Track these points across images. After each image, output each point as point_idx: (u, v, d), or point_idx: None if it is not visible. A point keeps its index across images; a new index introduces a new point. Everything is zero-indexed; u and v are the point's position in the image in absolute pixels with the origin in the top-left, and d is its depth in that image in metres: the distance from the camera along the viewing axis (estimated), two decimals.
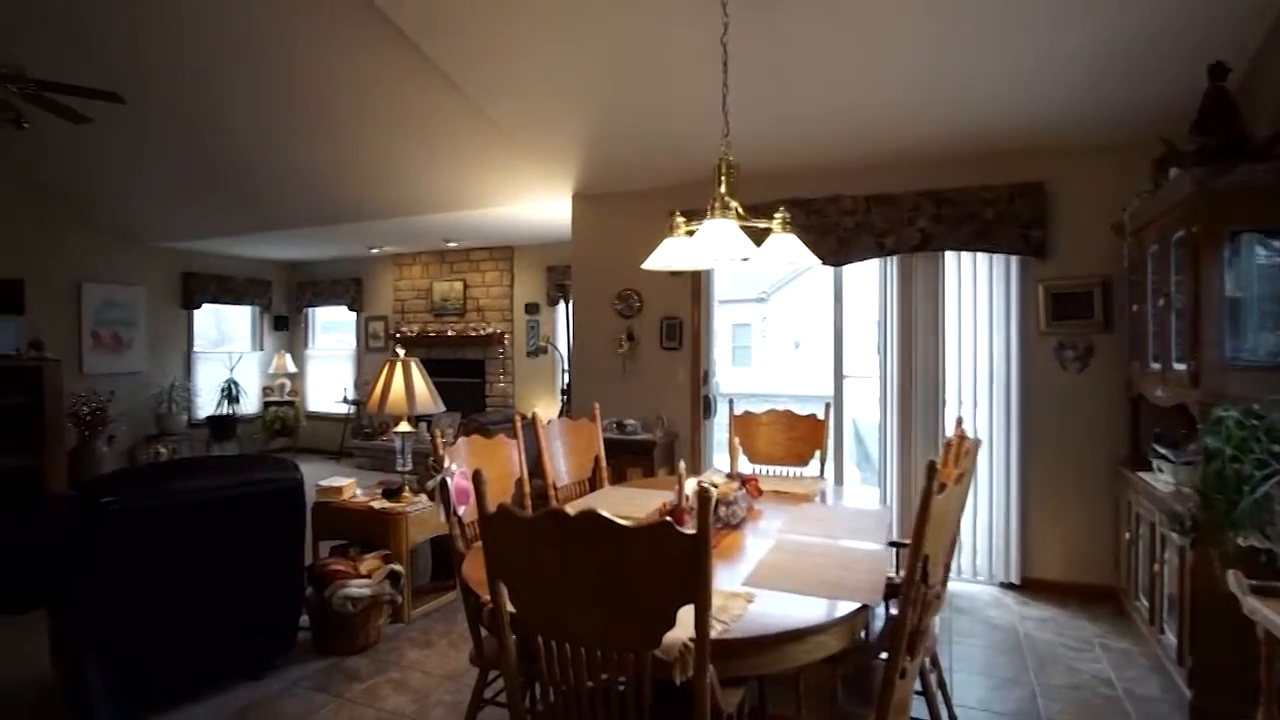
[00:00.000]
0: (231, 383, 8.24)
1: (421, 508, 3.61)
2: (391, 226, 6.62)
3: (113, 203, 6.90)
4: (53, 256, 6.81)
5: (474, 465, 2.37)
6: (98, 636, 2.46)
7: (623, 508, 2.63)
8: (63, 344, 6.80)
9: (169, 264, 7.81)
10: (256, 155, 5.63)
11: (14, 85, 4.25)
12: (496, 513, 1.42)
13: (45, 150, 6.08)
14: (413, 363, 3.66)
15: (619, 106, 4.06)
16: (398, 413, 3.54)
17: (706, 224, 2.15)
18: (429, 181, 5.54)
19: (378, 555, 3.39)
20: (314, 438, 8.94)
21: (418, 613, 3.62)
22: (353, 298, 8.69)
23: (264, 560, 2.85)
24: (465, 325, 7.92)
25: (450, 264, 8.11)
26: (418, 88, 4.38)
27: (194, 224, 6.98)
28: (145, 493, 2.47)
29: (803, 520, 2.54)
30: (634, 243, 5.00)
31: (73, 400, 6.68)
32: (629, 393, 5.02)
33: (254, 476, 2.74)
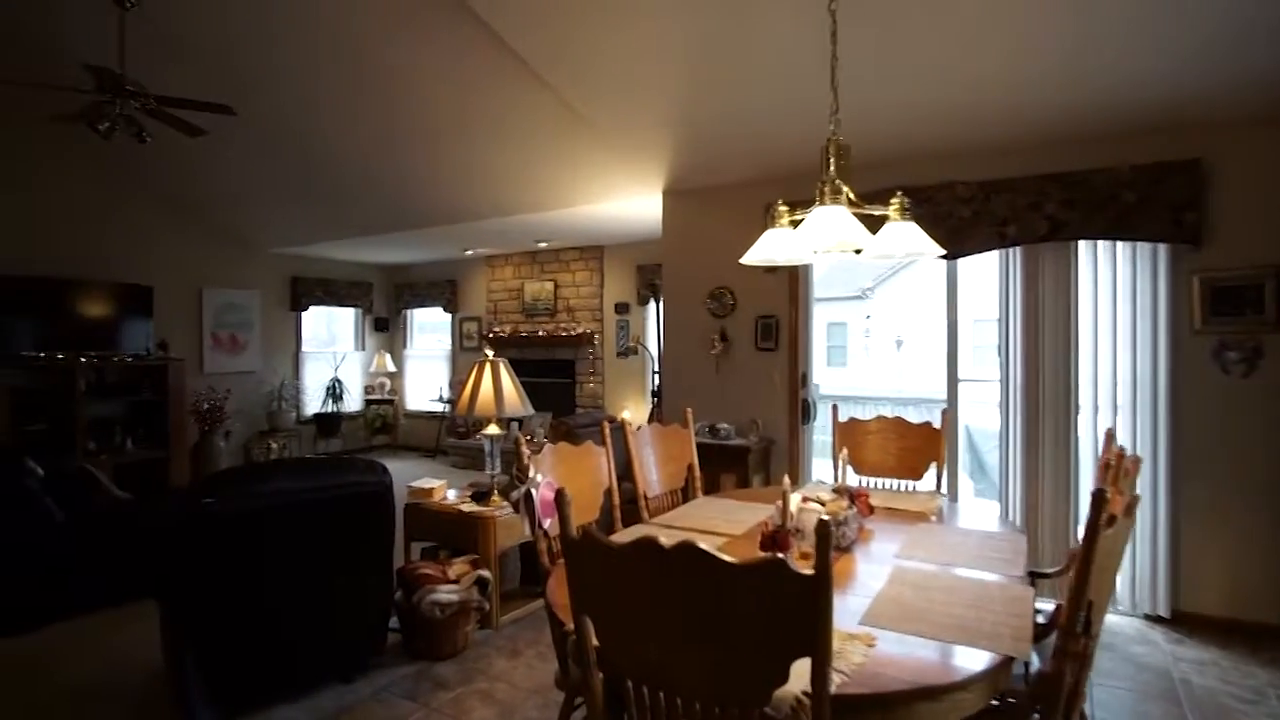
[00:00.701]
0: (336, 381, 8.58)
1: (510, 512, 3.53)
2: (485, 228, 6.67)
3: (230, 212, 7.29)
4: (178, 264, 7.26)
5: (561, 475, 2.24)
6: (196, 633, 2.49)
7: (718, 522, 2.44)
8: (185, 345, 7.25)
9: (279, 269, 8.21)
10: (357, 162, 5.78)
11: (137, 101, 4.50)
12: (581, 539, 1.26)
13: (170, 165, 6.47)
14: (501, 364, 3.59)
15: (712, 96, 3.86)
16: (486, 415, 3.48)
17: (815, 212, 1.93)
18: (521, 182, 5.52)
19: (466, 560, 3.33)
20: (412, 435, 9.19)
21: (506, 620, 3.55)
22: (448, 299, 8.87)
23: (355, 562, 2.83)
24: (555, 325, 7.92)
25: (541, 264, 8.13)
26: (510, 88, 4.34)
27: (301, 230, 7.28)
28: (243, 494, 2.48)
29: (922, 543, 2.26)
30: (727, 239, 4.79)
31: (194, 397, 7.10)
32: (722, 395, 4.81)
33: (345, 479, 2.72)
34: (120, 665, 3.10)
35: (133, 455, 6.51)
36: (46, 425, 6.00)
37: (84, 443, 6.20)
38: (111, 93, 4.36)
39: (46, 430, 5.98)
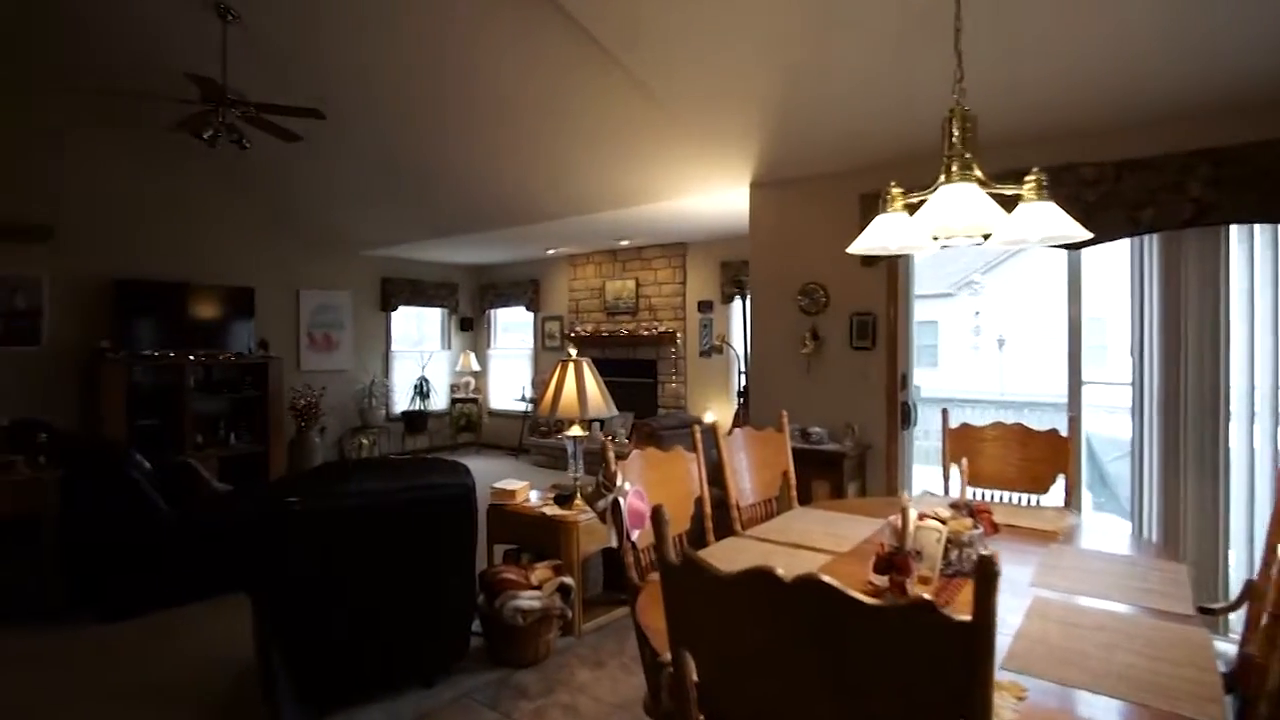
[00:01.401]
0: (423, 380, 8.76)
1: (593, 517, 3.41)
2: (567, 227, 6.63)
3: (324, 215, 7.54)
4: (277, 266, 7.56)
5: (649, 483, 2.08)
6: (282, 631, 2.48)
7: (819, 537, 2.23)
8: (283, 344, 7.54)
9: (370, 270, 8.45)
10: (443, 163, 5.83)
11: (237, 110, 4.65)
12: (683, 564, 1.09)
13: (271, 171, 6.74)
14: (585, 363, 3.48)
15: (804, 80, 3.62)
16: (569, 416, 3.38)
17: (941, 191, 1.69)
18: (604, 179, 5.42)
19: (549, 565, 3.23)
20: (495, 434, 9.29)
21: (588, 627, 3.43)
22: (530, 298, 8.91)
23: (437, 565, 2.77)
24: (637, 324, 7.80)
25: (622, 262, 8.03)
26: (593, 81, 4.24)
27: (390, 231, 7.45)
28: (326, 494, 2.45)
29: (1058, 569, 1.98)
30: (819, 232, 4.54)
31: (291, 395, 7.38)
32: (814, 397, 4.55)
33: (428, 480, 2.66)
34: (214, 657, 3.16)
35: (236, 449, 6.81)
36: (159, 420, 6.34)
37: (192, 437, 6.52)
38: (214, 101, 4.53)
39: (159, 425, 6.32)
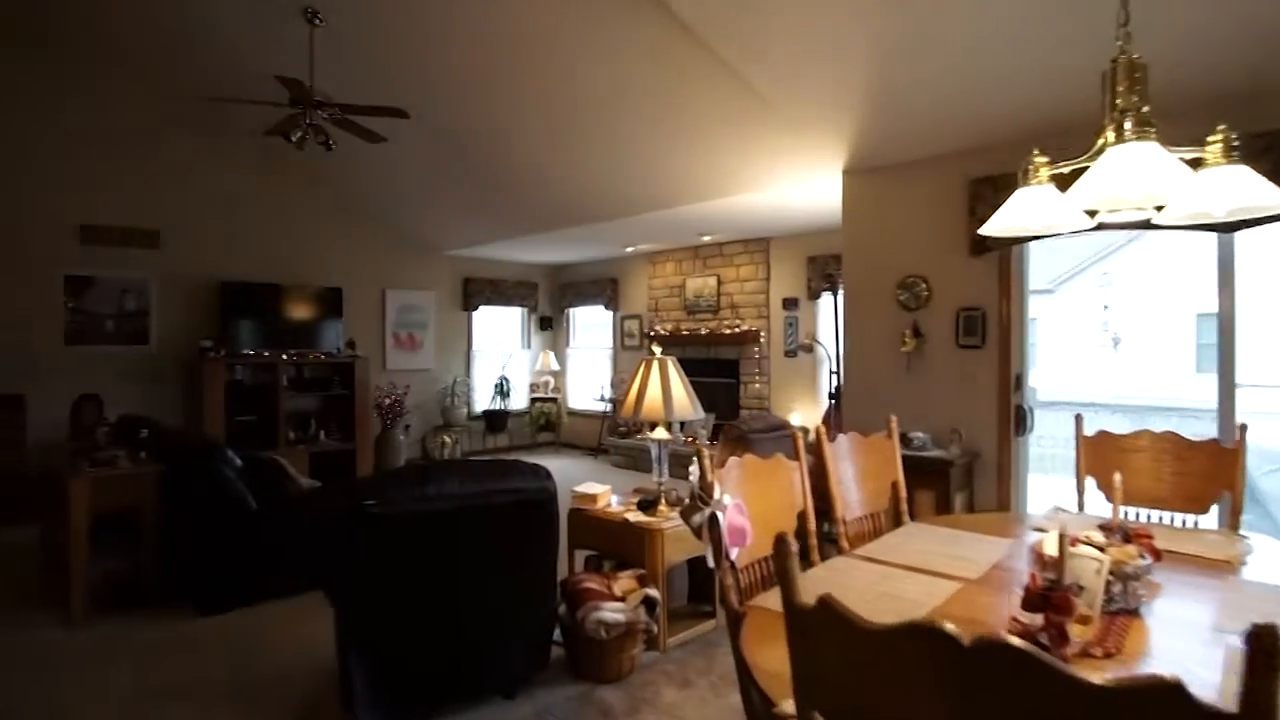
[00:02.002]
0: (503, 379, 8.79)
1: (680, 524, 3.22)
2: (646, 223, 6.47)
3: (409, 216, 7.66)
4: (363, 267, 7.73)
5: (748, 494, 1.87)
6: (359, 634, 2.41)
7: (940, 559, 1.96)
8: (370, 344, 7.70)
9: (453, 270, 8.54)
10: (524, 161, 5.78)
11: (324, 111, 4.71)
12: (819, 609, 0.87)
13: (358, 173, 6.87)
14: (670, 362, 3.29)
15: (905, 51, 3.31)
16: (653, 418, 3.20)
17: (1112, 154, 1.41)
18: (685, 171, 5.23)
19: (633, 575, 3.06)
20: (574, 434, 9.24)
21: (674, 642, 3.24)
22: (609, 297, 8.80)
23: (517, 572, 2.64)
24: (719, 323, 7.57)
25: (703, 259, 7.81)
26: (678, 71, 4.08)
27: (472, 231, 7.49)
28: (404, 497, 2.35)
29: (1244, 609, 1.65)
30: (921, 220, 4.20)
31: (377, 393, 7.52)
32: (914, 399, 4.21)
33: (508, 484, 2.53)
34: (299, 657, 3.15)
35: (325, 446, 6.98)
36: (255, 417, 6.55)
37: (285, 433, 6.72)
38: (302, 104, 4.59)
39: (255, 421, 6.54)
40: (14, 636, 3.32)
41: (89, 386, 5.79)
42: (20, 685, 2.87)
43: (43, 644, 3.25)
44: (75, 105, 5.92)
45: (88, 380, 5.89)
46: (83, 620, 3.46)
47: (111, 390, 6.00)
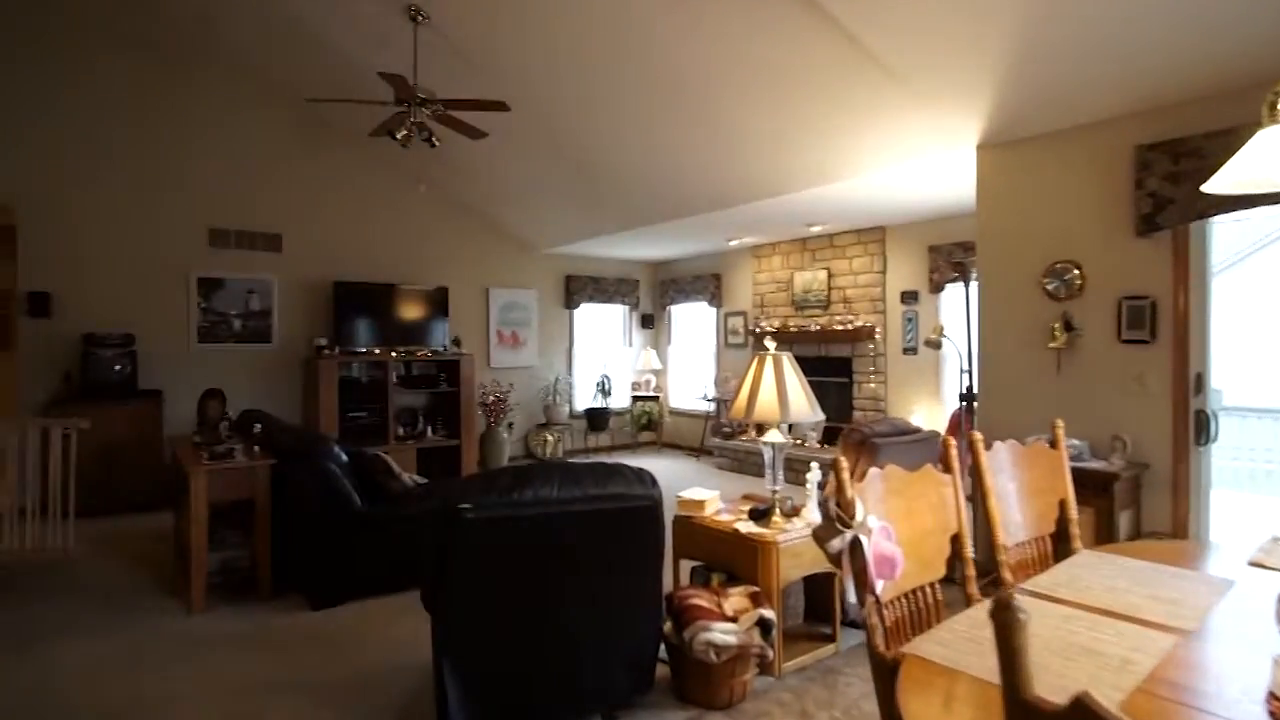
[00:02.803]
0: (605, 378, 8.69)
1: (796, 538, 2.92)
2: (752, 213, 6.15)
3: (512, 215, 7.68)
4: (468, 265, 7.83)
5: (893, 513, 1.56)
6: (453, 646, 2.26)
7: (1138, 601, 1.58)
8: (474, 342, 7.78)
9: (554, 268, 8.52)
10: (626, 154, 5.61)
11: (427, 108, 4.70)
12: (1073, 712, 0.58)
13: (461, 173, 6.94)
14: (785, 359, 2.99)
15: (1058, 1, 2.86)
16: (768, 420, 2.91)
17: None
18: (795, 156, 4.88)
19: (745, 592, 2.79)
20: (676, 433, 9.02)
21: (790, 667, 2.94)
22: (712, 293, 8.52)
23: (619, 585, 2.43)
24: (830, 319, 7.13)
25: (812, 251, 7.39)
26: (785, 42, 3.74)
27: (574, 228, 7.41)
28: (501, 502, 2.18)
29: None
30: (1074, 198, 3.69)
31: (481, 391, 7.58)
32: (1066, 402, 3.70)
33: (611, 490, 2.33)
34: (400, 654, 3.08)
35: (432, 442, 7.09)
36: (366, 413, 6.73)
37: (394, 429, 6.87)
38: (406, 101, 4.60)
39: (366, 417, 6.71)
40: (142, 622, 3.45)
41: (217, 382, 6.10)
42: (140, 673, 2.94)
43: (166, 631, 3.35)
44: (205, 116, 6.27)
45: (216, 376, 6.21)
46: (203, 608, 3.55)
47: (237, 386, 6.32)
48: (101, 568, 4.28)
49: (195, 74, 6.20)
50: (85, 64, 5.76)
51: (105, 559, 4.45)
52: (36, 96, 5.60)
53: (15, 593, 3.85)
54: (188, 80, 6.17)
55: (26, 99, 5.57)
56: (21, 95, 5.55)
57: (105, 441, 5.53)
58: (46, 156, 5.66)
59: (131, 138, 5.97)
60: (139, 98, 5.98)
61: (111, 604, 3.69)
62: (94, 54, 5.79)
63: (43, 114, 5.63)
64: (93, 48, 5.78)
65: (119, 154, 5.93)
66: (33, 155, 5.61)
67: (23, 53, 5.54)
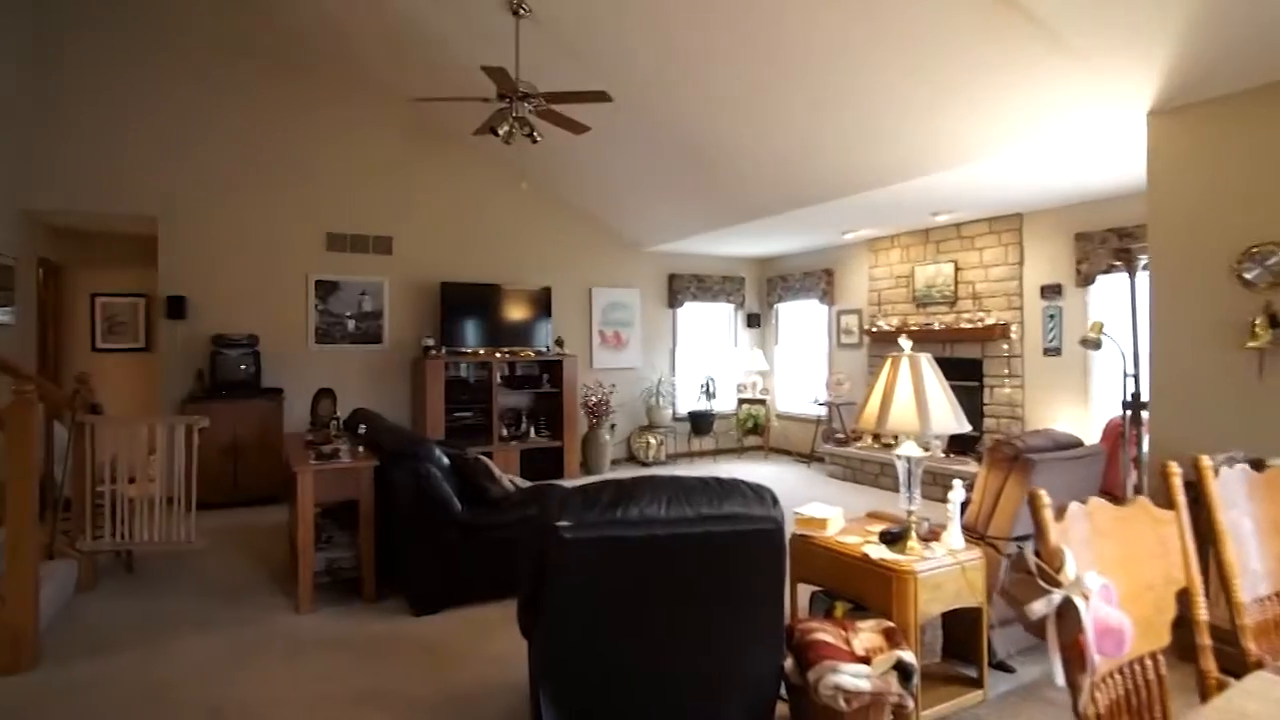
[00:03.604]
0: (709, 379, 8.38)
1: (938, 567, 2.53)
2: (874, 202, 5.68)
3: (614, 213, 7.53)
4: (570, 264, 7.74)
5: (1103, 559, 1.20)
6: (549, 675, 2.06)
7: None
8: (576, 342, 7.69)
9: (656, 266, 8.30)
10: (738, 143, 5.32)
11: (529, 103, 4.58)
12: None
13: (563, 172, 6.85)
14: (924, 360, 2.60)
15: None
16: (904, 431, 2.53)
17: None
18: (927, 135, 4.41)
19: (877, 627, 2.43)
20: (784, 438, 8.60)
21: (928, 715, 2.55)
22: (823, 290, 8.04)
23: (735, 617, 2.15)
24: (956, 317, 6.52)
25: (936, 243, 6.79)
26: (923, 6, 3.33)
27: (677, 225, 7.16)
28: (603, 520, 1.95)
29: None
30: None
31: (584, 391, 7.47)
32: (1268, 412, 3.08)
33: (725, 510, 2.05)
34: (498, 669, 2.93)
35: (534, 443, 7.03)
36: (471, 413, 6.76)
37: (498, 430, 6.86)
38: (508, 96, 4.49)
39: (471, 417, 6.74)
40: (253, 619, 3.49)
41: (331, 381, 6.29)
42: (245, 672, 2.93)
43: (273, 629, 3.36)
44: (323, 123, 6.48)
45: (331, 375, 6.41)
46: (310, 607, 3.55)
47: (349, 385, 6.50)
48: (222, 561, 4.42)
49: (313, 83, 6.41)
50: (213, 80, 6.06)
51: (226, 552, 4.60)
52: (173, 113, 5.95)
53: (148, 582, 4.02)
54: (306, 90, 6.40)
55: (166, 116, 5.92)
56: (162, 113, 5.91)
57: (231, 437, 5.79)
58: (183, 169, 6.00)
59: (257, 147, 6.25)
60: (263, 109, 6.25)
61: (227, 598, 3.77)
62: (220, 69, 6.09)
63: (180, 129, 5.97)
64: (219, 63, 6.08)
65: (246, 163, 6.22)
66: (172, 168, 5.96)
67: (161, 73, 5.89)
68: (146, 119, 5.85)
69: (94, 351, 6.91)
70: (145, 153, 5.86)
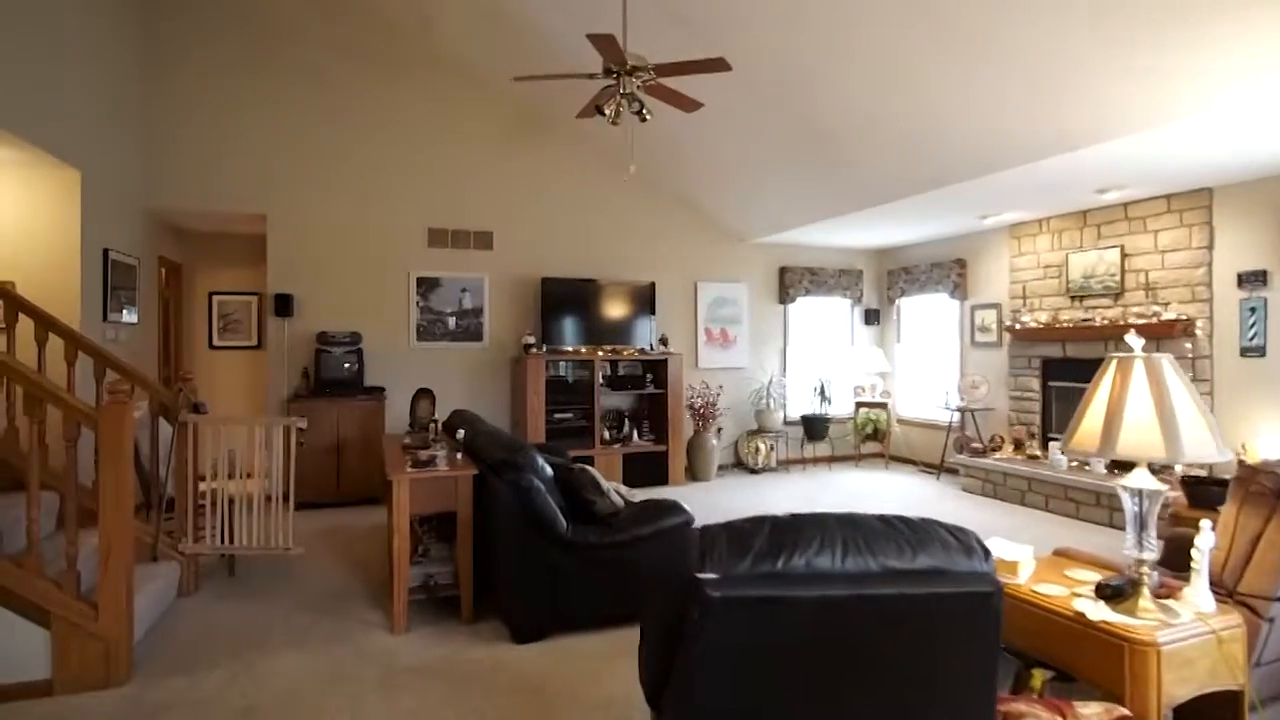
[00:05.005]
0: (823, 381, 7.74)
1: (1188, 637, 1.91)
2: (1022, 180, 4.94)
3: (720, 203, 7.05)
4: (674, 258, 7.31)
5: None
6: None
7: None
8: (681, 340, 7.24)
9: (766, 259, 7.75)
10: (873, 113, 4.72)
11: (637, 77, 4.17)
12: None
13: (668, 157, 6.41)
14: (1165, 364, 1.98)
15: None
16: (1145, 456, 1.92)
17: None
18: (1106, 91, 3.68)
19: (1108, 715, 1.84)
20: (905, 446, 7.84)
21: None
22: (954, 283, 7.23)
23: (933, 705, 1.62)
24: (1123, 311, 5.62)
25: (1096, 226, 5.91)
26: None
27: (794, 213, 6.59)
28: (760, 576, 1.49)
29: None
30: None
31: (689, 392, 7.02)
32: None
33: (918, 564, 1.54)
34: (606, 714, 2.53)
35: (637, 447, 6.65)
36: (572, 414, 6.45)
37: (600, 432, 6.52)
38: (615, 72, 4.10)
39: (572, 419, 6.43)
40: (346, 636, 3.25)
41: (431, 380, 6.13)
42: (335, 700, 2.66)
43: (366, 650, 3.10)
44: (424, 118, 6.34)
45: (431, 374, 6.25)
46: (404, 627, 3.28)
47: (449, 384, 6.33)
48: (321, 566, 4.26)
49: (413, 81, 6.29)
50: (319, 81, 6.02)
51: (325, 556, 4.45)
52: (282, 113, 5.94)
53: (248, 587, 3.89)
54: (407, 88, 6.28)
55: (275, 117, 5.93)
56: (271, 114, 5.91)
57: (334, 437, 5.71)
58: (291, 167, 5.99)
59: (360, 145, 6.17)
60: (366, 108, 6.17)
61: (323, 609, 3.57)
62: (326, 70, 6.04)
63: (288, 129, 5.97)
64: (325, 65, 6.04)
65: (350, 161, 6.15)
66: (280, 167, 5.96)
67: (271, 75, 5.90)
68: (257, 120, 5.88)
69: (210, 349, 7.07)
70: (256, 152, 5.89)
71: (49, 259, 4.40)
